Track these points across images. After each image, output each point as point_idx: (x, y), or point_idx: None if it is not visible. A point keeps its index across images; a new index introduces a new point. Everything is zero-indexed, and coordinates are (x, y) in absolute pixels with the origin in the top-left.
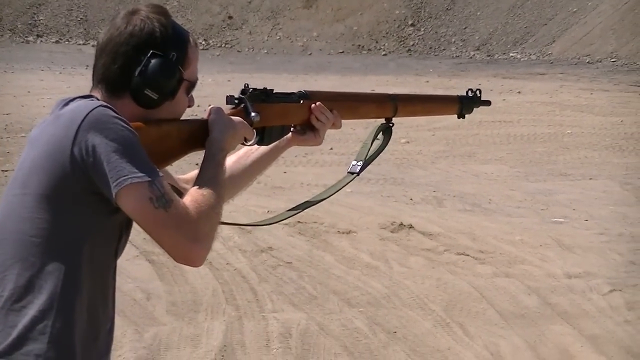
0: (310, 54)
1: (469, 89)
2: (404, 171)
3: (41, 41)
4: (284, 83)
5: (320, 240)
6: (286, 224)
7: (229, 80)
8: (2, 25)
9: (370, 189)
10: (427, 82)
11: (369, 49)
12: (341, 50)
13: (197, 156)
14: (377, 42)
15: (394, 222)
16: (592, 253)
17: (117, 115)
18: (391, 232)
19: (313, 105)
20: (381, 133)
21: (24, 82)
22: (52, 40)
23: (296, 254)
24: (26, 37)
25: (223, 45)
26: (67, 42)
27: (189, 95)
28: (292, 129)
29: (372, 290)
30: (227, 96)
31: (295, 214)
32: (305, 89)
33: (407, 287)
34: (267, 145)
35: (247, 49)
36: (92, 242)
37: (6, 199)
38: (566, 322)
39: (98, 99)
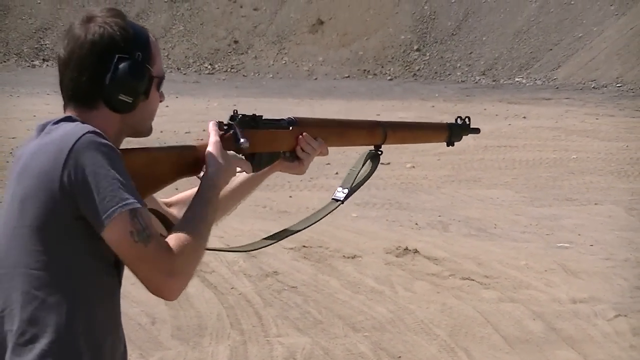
0: (315, 79)
1: (458, 117)
2: (409, 196)
3: (47, 65)
4: (289, 107)
5: (326, 264)
6: (291, 249)
7: (234, 105)
8: (9, 50)
9: (376, 213)
10: (433, 106)
11: (375, 74)
12: (347, 75)
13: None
14: (382, 66)
15: (399, 246)
16: (597, 278)
17: (105, 141)
18: (396, 256)
19: (300, 136)
20: (369, 160)
21: (29, 106)
22: None
23: (301, 278)
24: (32, 61)
25: (229, 69)
26: None
27: (159, 91)
28: (282, 155)
29: (377, 315)
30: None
31: (274, 243)
32: (294, 116)
33: (412, 311)
34: (256, 172)
35: (252, 74)
36: (91, 269)
37: (5, 232)
38: (571, 347)
39: (81, 121)
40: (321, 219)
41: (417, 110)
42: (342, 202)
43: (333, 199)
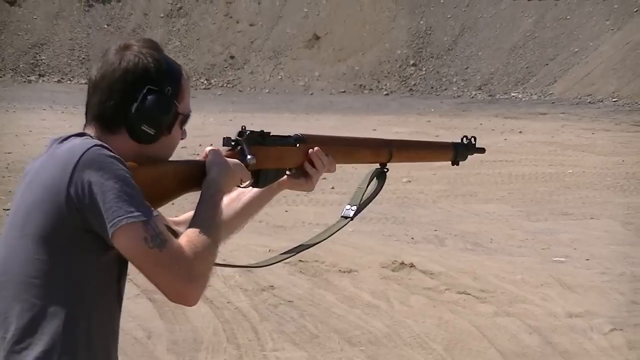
0: (312, 94)
1: (464, 136)
2: (405, 210)
3: (43, 80)
4: (285, 123)
5: (322, 279)
6: (287, 263)
7: (230, 120)
8: (5, 65)
9: (372, 228)
10: (429, 121)
11: (371, 89)
12: (343, 90)
13: (189, 197)
14: (378, 81)
15: (395, 261)
16: (593, 292)
17: (112, 154)
18: (392, 271)
19: (310, 150)
20: (375, 178)
21: (25, 121)
22: (54, 80)
23: (297, 292)
24: (28, 76)
25: (225, 85)
26: (69, 82)
27: (182, 128)
28: (287, 172)
29: (373, 329)
30: (224, 138)
31: (287, 258)
32: (302, 132)
33: (408, 326)
34: (262, 187)
35: (249, 89)
36: (92, 281)
37: (7, 241)
38: None
39: (92, 137)
40: (331, 235)
41: (413, 125)
42: (352, 219)
43: (342, 216)
